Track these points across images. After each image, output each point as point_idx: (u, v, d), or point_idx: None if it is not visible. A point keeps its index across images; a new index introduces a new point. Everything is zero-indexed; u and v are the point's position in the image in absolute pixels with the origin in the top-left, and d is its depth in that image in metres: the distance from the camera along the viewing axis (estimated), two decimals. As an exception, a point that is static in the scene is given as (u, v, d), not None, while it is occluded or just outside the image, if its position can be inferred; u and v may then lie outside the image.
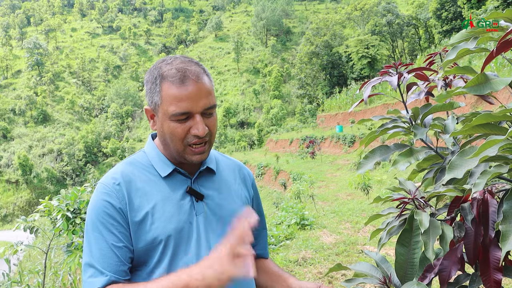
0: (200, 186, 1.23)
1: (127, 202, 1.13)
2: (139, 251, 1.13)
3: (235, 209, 1.25)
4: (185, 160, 1.18)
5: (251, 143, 47.52)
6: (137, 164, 1.22)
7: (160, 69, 1.14)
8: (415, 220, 1.08)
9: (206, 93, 1.13)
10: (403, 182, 1.25)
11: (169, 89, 1.11)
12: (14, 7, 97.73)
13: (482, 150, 0.85)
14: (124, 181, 1.16)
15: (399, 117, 1.37)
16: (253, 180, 1.42)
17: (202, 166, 1.25)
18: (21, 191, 52.01)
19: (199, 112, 1.12)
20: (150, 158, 1.23)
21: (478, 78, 0.93)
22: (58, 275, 5.48)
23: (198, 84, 1.11)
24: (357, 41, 39.55)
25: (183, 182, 1.21)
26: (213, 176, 1.28)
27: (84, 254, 1.13)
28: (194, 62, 1.16)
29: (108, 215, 1.11)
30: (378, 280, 1.17)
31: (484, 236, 1.02)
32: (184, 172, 1.21)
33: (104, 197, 1.13)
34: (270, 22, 75.07)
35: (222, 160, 1.37)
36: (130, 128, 66.04)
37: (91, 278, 1.08)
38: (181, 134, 1.12)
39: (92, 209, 1.14)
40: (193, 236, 1.17)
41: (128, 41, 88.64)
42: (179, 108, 1.10)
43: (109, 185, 1.15)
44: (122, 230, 1.12)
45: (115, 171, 1.19)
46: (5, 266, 5.82)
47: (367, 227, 7.10)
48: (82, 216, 4.02)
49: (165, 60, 1.17)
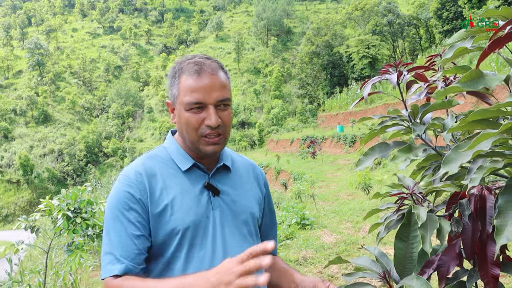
0: (217, 182, 1.27)
1: (148, 195, 1.17)
2: (158, 242, 1.17)
3: (248, 206, 1.30)
4: (200, 152, 1.22)
5: (252, 143, 47.51)
6: (157, 158, 1.26)
7: (180, 64, 1.22)
8: (413, 214, 1.09)
9: (220, 86, 1.18)
10: (402, 179, 1.27)
11: (186, 80, 1.18)
12: (15, 8, 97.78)
13: (476, 143, 0.86)
14: (146, 174, 1.20)
15: (399, 115, 1.38)
16: (265, 179, 1.47)
17: (219, 163, 1.29)
18: (22, 191, 52.03)
19: (213, 103, 1.17)
20: (170, 153, 1.27)
21: (471, 74, 0.95)
22: (59, 275, 5.50)
23: (212, 76, 1.17)
24: (357, 41, 39.53)
25: (201, 177, 1.25)
26: (229, 173, 1.33)
27: (103, 242, 1.17)
28: (212, 59, 1.23)
29: (128, 206, 1.15)
30: (377, 275, 1.19)
31: (481, 232, 1.03)
32: (203, 167, 1.26)
33: (125, 188, 1.17)
34: (270, 22, 75.00)
35: (237, 158, 1.41)
36: (131, 128, 66.03)
37: (109, 265, 1.12)
38: (195, 124, 1.17)
39: (113, 199, 1.18)
40: (209, 230, 1.21)
41: (129, 41, 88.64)
42: (193, 98, 1.16)
43: (131, 176, 1.19)
44: (141, 220, 1.15)
45: (137, 164, 1.24)
46: (6, 265, 5.84)
47: (367, 227, 7.11)
48: (82, 215, 4.03)
49: (185, 57, 1.24)
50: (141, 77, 78.41)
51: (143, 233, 1.15)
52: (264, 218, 1.43)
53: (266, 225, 1.45)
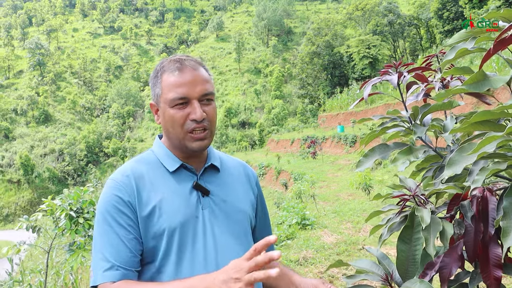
0: (205, 182, 1.27)
1: (135, 196, 1.17)
2: (148, 246, 1.16)
3: (240, 205, 1.30)
4: (187, 149, 1.22)
5: (252, 143, 47.47)
6: (145, 162, 1.27)
7: (161, 64, 1.24)
8: (416, 216, 1.09)
9: (203, 81, 1.20)
10: (404, 180, 1.26)
11: (168, 78, 1.19)
12: (16, 8, 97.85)
13: (481, 146, 0.86)
14: (134, 176, 1.20)
15: (399, 116, 1.38)
16: (256, 179, 1.46)
17: (207, 163, 1.29)
18: (22, 191, 52.04)
19: (196, 97, 1.18)
20: (157, 156, 1.28)
21: (476, 76, 0.95)
22: (60, 275, 5.50)
23: (194, 72, 1.19)
24: (358, 41, 39.52)
25: (189, 178, 1.25)
26: (218, 173, 1.32)
27: (94, 247, 1.15)
28: (192, 58, 1.25)
29: (118, 209, 1.15)
30: (379, 277, 1.18)
31: (483, 233, 1.03)
32: (190, 167, 1.25)
33: (114, 192, 1.18)
34: (271, 22, 74.96)
35: (225, 159, 1.41)
36: (132, 128, 66.04)
37: (103, 270, 1.10)
38: (180, 120, 1.18)
39: (102, 203, 1.18)
40: (199, 231, 1.19)
41: (130, 41, 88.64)
42: (177, 94, 1.17)
43: (118, 180, 1.20)
44: (131, 223, 1.15)
45: (125, 168, 1.24)
46: (7, 265, 5.85)
47: (368, 227, 7.10)
48: (84, 215, 4.04)
49: (165, 58, 1.26)
50: (141, 77, 78.37)
51: (135, 235, 1.15)
52: (257, 218, 1.42)
53: (260, 224, 1.44)
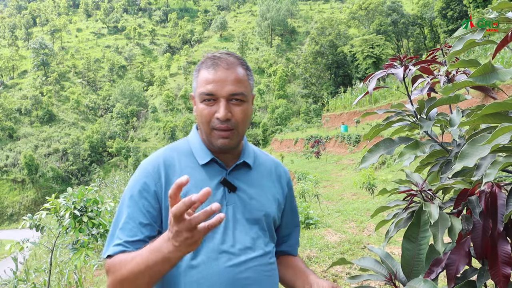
0: (234, 179, 1.26)
1: (163, 185, 1.19)
2: None
3: (264, 204, 1.29)
4: (212, 145, 1.23)
5: (256, 143, 47.46)
6: (178, 150, 1.29)
7: (203, 58, 1.26)
8: (423, 214, 1.06)
9: (234, 81, 1.19)
10: (410, 175, 1.23)
11: (203, 74, 1.20)
12: (20, 8, 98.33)
13: (494, 137, 0.83)
14: (164, 164, 1.23)
15: (404, 110, 1.35)
16: (288, 178, 1.45)
17: (239, 160, 1.29)
18: (27, 191, 52.29)
19: (224, 96, 1.17)
20: (191, 146, 1.29)
21: (484, 68, 0.92)
22: (64, 274, 5.50)
23: (227, 71, 1.19)
24: (362, 40, 39.44)
25: (219, 172, 1.25)
26: (249, 171, 1.31)
27: (112, 224, 1.20)
28: (232, 55, 1.24)
29: (141, 194, 1.18)
30: (383, 277, 1.15)
31: (492, 230, 1.00)
32: (221, 162, 1.26)
33: (141, 178, 1.21)
34: (275, 21, 74.96)
35: (260, 156, 1.40)
36: (135, 128, 66.19)
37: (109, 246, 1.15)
38: (207, 117, 1.19)
39: (129, 187, 1.22)
40: (220, 226, 1.19)
41: (133, 41, 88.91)
42: (206, 89, 1.17)
43: (149, 167, 1.23)
44: (151, 210, 1.18)
45: (158, 155, 1.26)
46: (11, 264, 5.86)
47: (372, 226, 7.07)
48: (88, 214, 4.03)
49: (211, 52, 1.27)
50: (145, 77, 78.61)
51: (150, 222, 1.17)
52: (284, 218, 1.41)
53: (287, 224, 1.43)
